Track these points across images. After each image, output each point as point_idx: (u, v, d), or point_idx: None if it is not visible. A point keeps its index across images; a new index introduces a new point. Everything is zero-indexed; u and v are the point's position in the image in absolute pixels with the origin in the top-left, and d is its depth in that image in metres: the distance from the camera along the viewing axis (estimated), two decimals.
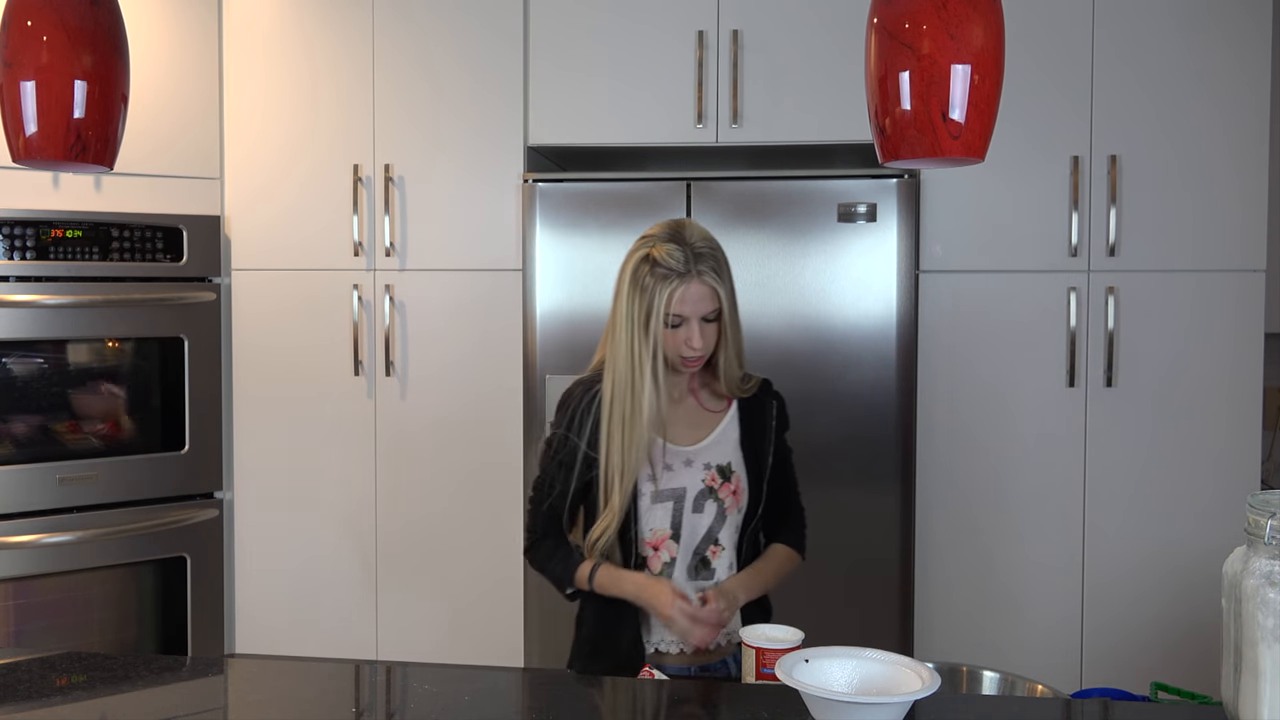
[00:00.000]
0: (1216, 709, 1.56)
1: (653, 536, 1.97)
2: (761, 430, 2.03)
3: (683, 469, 1.98)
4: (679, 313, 1.87)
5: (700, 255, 1.87)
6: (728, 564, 2.00)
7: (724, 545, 1.99)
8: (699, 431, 2.01)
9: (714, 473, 1.99)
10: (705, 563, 1.99)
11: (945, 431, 3.13)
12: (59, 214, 3.13)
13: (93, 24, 1.55)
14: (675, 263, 1.86)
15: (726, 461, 2.00)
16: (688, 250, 1.87)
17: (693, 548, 1.98)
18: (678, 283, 1.86)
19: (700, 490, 1.98)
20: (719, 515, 1.99)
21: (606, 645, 1.99)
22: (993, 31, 1.37)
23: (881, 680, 1.52)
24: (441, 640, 3.36)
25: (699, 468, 1.99)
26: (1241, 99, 3.02)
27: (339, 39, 3.34)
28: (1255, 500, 1.40)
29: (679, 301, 1.86)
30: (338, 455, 3.38)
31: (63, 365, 3.20)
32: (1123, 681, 2.93)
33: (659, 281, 1.86)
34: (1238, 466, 3.05)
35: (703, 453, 2.00)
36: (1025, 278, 3.10)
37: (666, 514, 1.97)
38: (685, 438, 2.00)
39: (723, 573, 2.00)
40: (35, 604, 3.14)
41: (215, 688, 1.78)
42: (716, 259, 1.90)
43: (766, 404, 2.04)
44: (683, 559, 1.98)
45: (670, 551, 1.98)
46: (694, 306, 1.87)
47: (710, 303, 1.88)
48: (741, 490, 2.00)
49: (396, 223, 3.33)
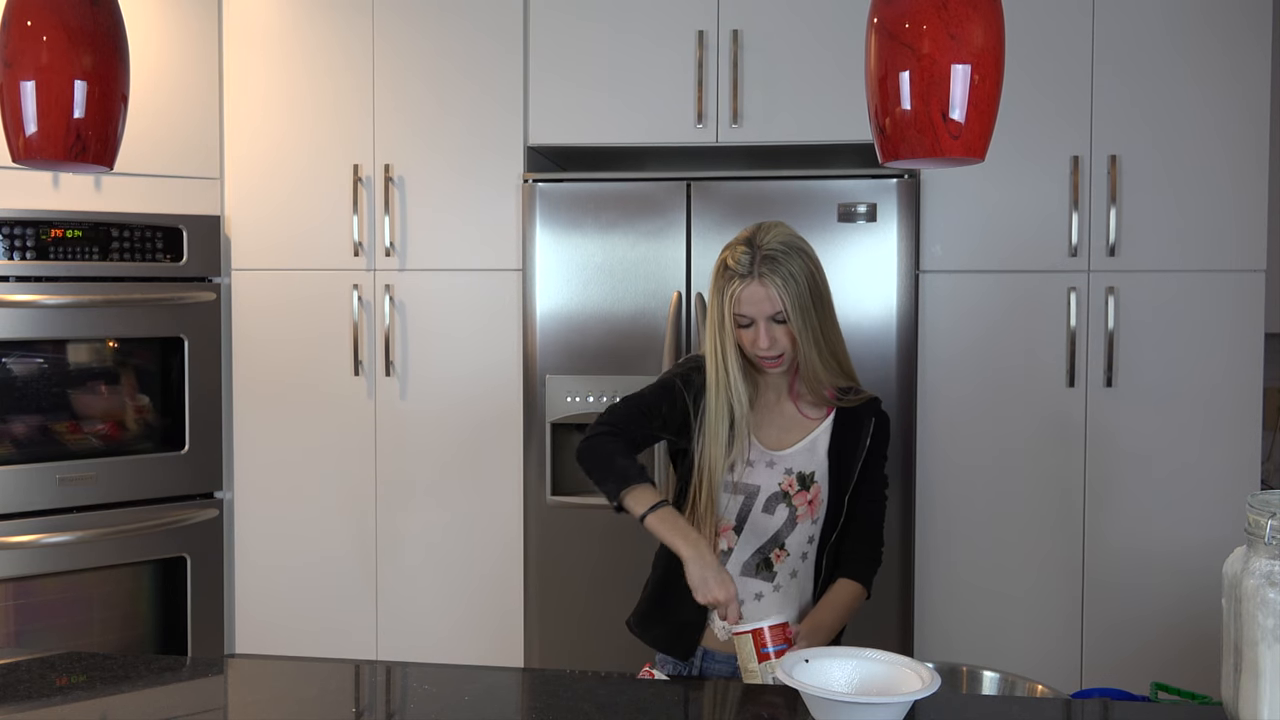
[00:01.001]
0: (1216, 709, 1.56)
1: (720, 524, 1.99)
2: (854, 444, 2.01)
3: (764, 469, 1.98)
4: (742, 313, 1.90)
5: (767, 258, 1.88)
6: (790, 571, 2.00)
7: (789, 551, 1.99)
8: (790, 435, 2.01)
9: (793, 479, 1.99)
10: (768, 564, 1.99)
11: (945, 431, 3.13)
12: (59, 214, 3.13)
13: (93, 24, 1.55)
14: (740, 265, 1.89)
15: (810, 470, 1.99)
16: (755, 252, 1.89)
17: (756, 546, 1.99)
18: (739, 284, 1.89)
19: (775, 493, 1.98)
20: (789, 521, 1.99)
21: (665, 612, 2.00)
22: (993, 31, 1.37)
23: (881, 680, 1.52)
24: (441, 640, 3.36)
25: (780, 471, 1.99)
26: (1241, 99, 3.02)
27: (339, 39, 3.34)
28: (1255, 500, 1.40)
29: (739, 302, 1.89)
30: (337, 455, 3.38)
31: (63, 365, 3.20)
32: (1123, 681, 2.93)
33: (727, 283, 1.91)
34: (1238, 466, 3.05)
35: (788, 458, 1.99)
36: (1025, 278, 3.10)
37: (735, 506, 1.98)
38: (775, 440, 2.00)
39: (784, 578, 1.99)
40: (35, 604, 3.14)
41: (215, 688, 1.78)
42: (785, 263, 1.88)
43: (865, 420, 2.02)
44: (741, 554, 1.99)
45: (729, 542, 1.99)
46: (756, 307, 1.89)
47: (771, 304, 1.88)
48: (820, 501, 2.00)
49: (396, 223, 3.33)
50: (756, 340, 1.90)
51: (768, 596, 1.99)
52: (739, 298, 1.89)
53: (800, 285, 1.89)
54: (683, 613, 1.97)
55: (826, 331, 1.94)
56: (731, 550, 1.99)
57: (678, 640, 2.00)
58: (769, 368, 1.95)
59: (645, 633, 2.06)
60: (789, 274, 1.88)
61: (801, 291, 1.89)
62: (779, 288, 1.87)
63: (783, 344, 1.91)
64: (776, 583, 1.99)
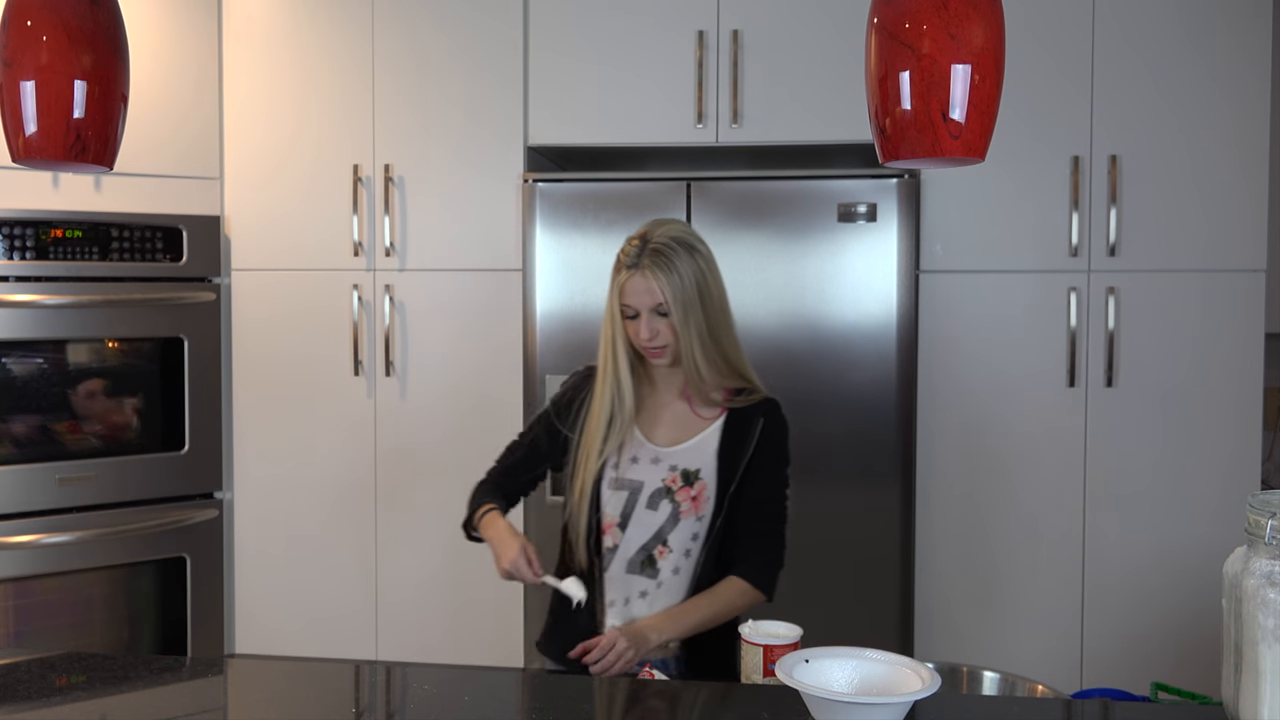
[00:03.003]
0: (1216, 709, 1.56)
1: (604, 521, 2.02)
2: (741, 445, 2.01)
3: (648, 464, 2.01)
4: (627, 303, 1.95)
5: (654, 251, 1.93)
6: (673, 567, 2.00)
7: (672, 548, 1.99)
8: (680, 434, 2.03)
9: (677, 474, 2.00)
10: (651, 560, 2.00)
11: (945, 431, 3.13)
12: (59, 214, 3.13)
13: (93, 24, 1.55)
14: (629, 257, 1.95)
15: (696, 467, 2.00)
16: (644, 245, 1.94)
17: (639, 543, 2.00)
18: (626, 275, 1.95)
19: (657, 488, 2.00)
20: (672, 516, 1.99)
21: (564, 628, 2.03)
22: (993, 31, 1.37)
23: (881, 680, 1.52)
24: (441, 640, 3.36)
25: (664, 467, 2.00)
26: (1242, 99, 3.02)
27: (339, 39, 3.34)
28: (1255, 500, 1.40)
29: (625, 292, 1.95)
30: (337, 455, 3.38)
31: (63, 365, 3.20)
32: (1123, 681, 2.93)
33: (616, 274, 1.98)
34: (1238, 466, 3.05)
35: (674, 455, 2.01)
36: (1025, 278, 3.10)
37: (619, 503, 2.01)
38: (664, 437, 2.03)
39: (667, 574, 2.00)
40: (35, 604, 3.14)
41: (215, 688, 1.78)
42: (671, 257, 1.93)
43: (754, 420, 2.02)
44: (626, 550, 2.01)
45: (615, 539, 2.01)
46: (639, 299, 1.94)
47: (652, 296, 1.93)
48: (705, 499, 2.00)
49: (396, 223, 3.33)
50: (639, 331, 1.95)
51: (651, 594, 2.00)
52: (625, 288, 1.95)
53: (685, 281, 1.93)
54: (579, 624, 2.00)
55: (714, 330, 1.97)
56: (617, 547, 2.01)
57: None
58: (653, 358, 1.99)
59: (549, 649, 2.07)
60: (673, 268, 1.92)
61: (686, 287, 1.93)
62: (661, 281, 1.92)
63: (665, 337, 1.95)
64: (660, 579, 2.00)
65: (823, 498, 3.06)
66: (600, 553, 2.02)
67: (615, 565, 2.01)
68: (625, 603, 2.01)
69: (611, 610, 2.01)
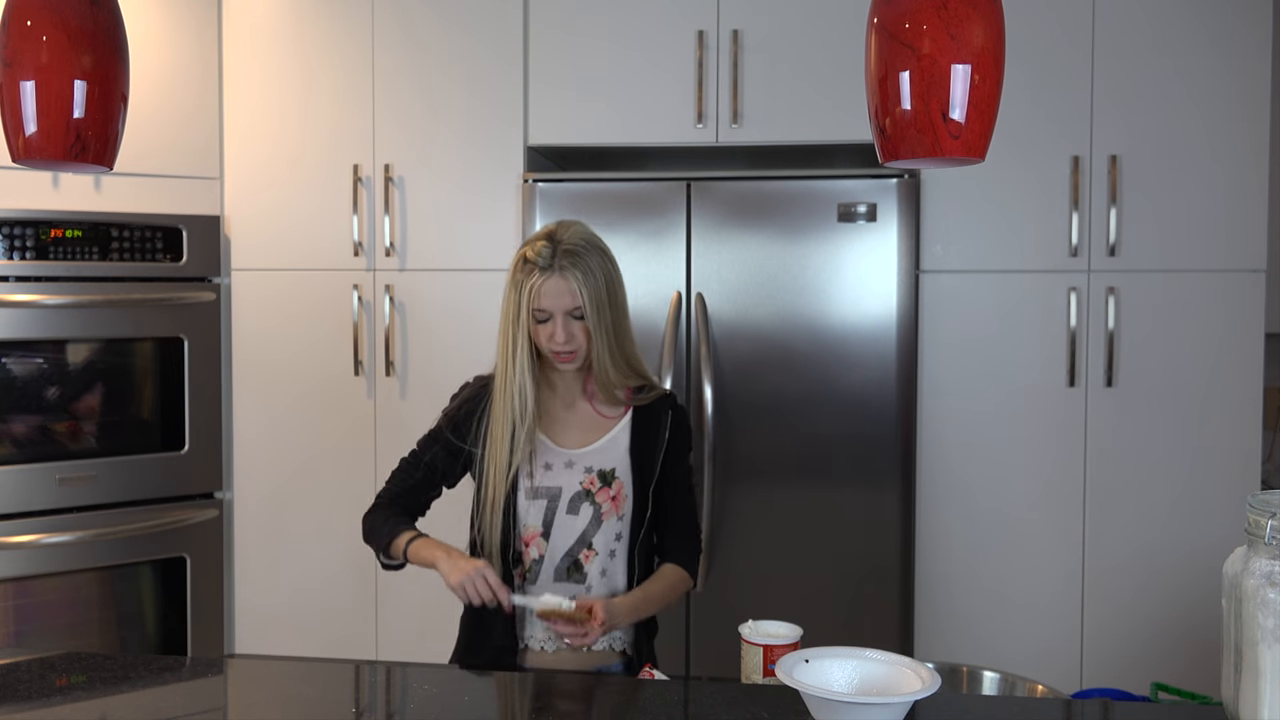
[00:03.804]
0: (1216, 709, 1.56)
1: (526, 532, 1.99)
2: (653, 440, 2.02)
3: (562, 470, 1.99)
4: (540, 306, 1.91)
5: (568, 252, 1.90)
6: (600, 569, 1.99)
7: (597, 550, 1.99)
8: (588, 435, 2.02)
9: (594, 476, 1.99)
10: (577, 565, 1.99)
11: (945, 431, 3.13)
12: (59, 214, 3.13)
13: (93, 24, 1.55)
14: (541, 258, 1.90)
15: (611, 467, 2.00)
16: (556, 247, 1.91)
17: (565, 549, 1.99)
18: (540, 277, 1.90)
19: (576, 492, 1.98)
20: (594, 519, 1.99)
21: (480, 640, 2.01)
22: (993, 31, 1.37)
23: (881, 680, 1.52)
24: (441, 640, 3.35)
25: (580, 470, 1.99)
26: (1241, 99, 3.02)
27: (338, 39, 3.34)
28: (1255, 500, 1.40)
29: (538, 295, 1.91)
30: (337, 455, 3.38)
31: (63, 365, 3.20)
32: (1123, 681, 2.93)
33: (526, 276, 1.92)
34: (1238, 466, 3.05)
35: (586, 456, 2.00)
36: (1025, 278, 3.10)
37: (540, 512, 1.99)
38: (572, 440, 2.01)
39: (594, 578, 1.99)
40: (35, 604, 3.14)
41: (215, 688, 1.78)
42: (585, 258, 1.91)
43: (662, 415, 2.03)
44: (551, 559, 1.99)
45: (539, 549, 1.99)
46: (554, 301, 1.91)
47: (570, 299, 1.90)
48: (624, 497, 2.00)
49: (396, 223, 3.33)
50: (554, 335, 1.92)
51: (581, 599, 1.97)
52: (539, 291, 1.90)
53: (598, 281, 1.92)
54: (495, 638, 1.98)
55: (619, 331, 1.97)
56: (543, 557, 1.99)
57: (497, 667, 1.97)
58: (562, 363, 1.96)
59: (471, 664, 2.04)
60: (589, 269, 1.91)
61: (599, 287, 1.92)
62: (579, 282, 1.90)
63: (579, 340, 1.93)
64: (588, 584, 1.99)
65: (823, 498, 3.06)
66: (521, 564, 2.00)
67: (542, 575, 1.99)
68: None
69: (542, 622, 1.95)
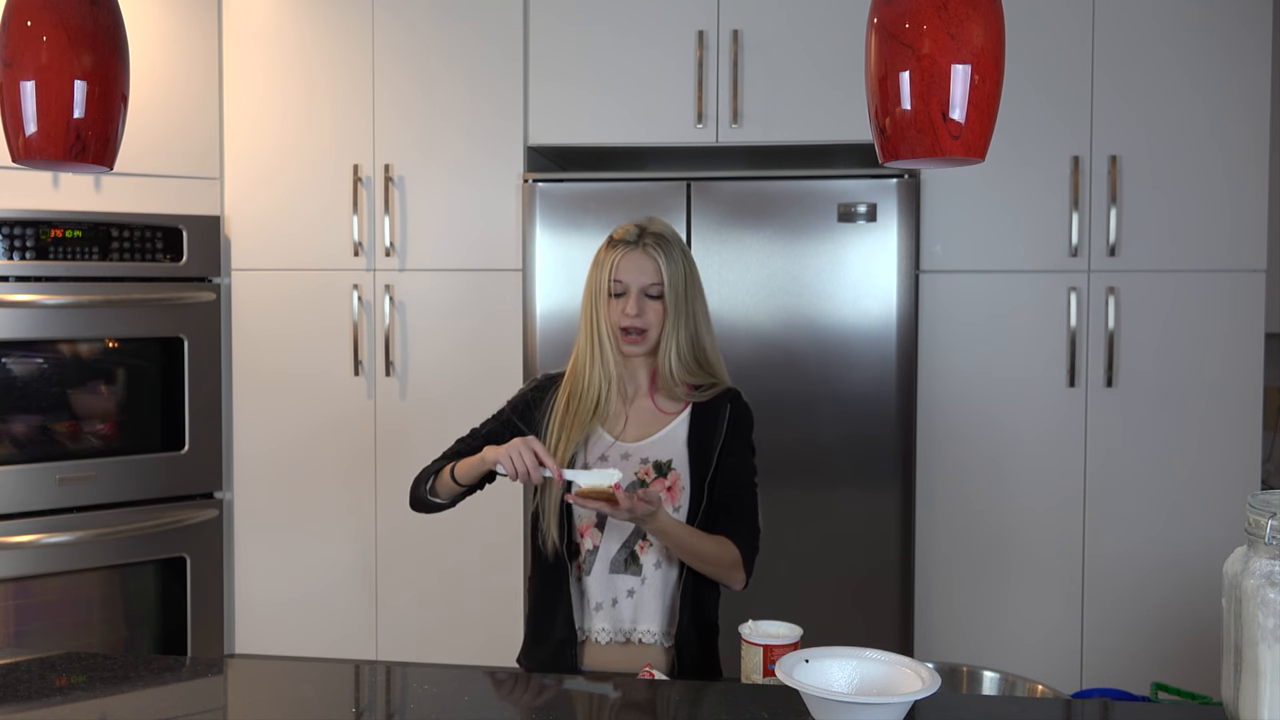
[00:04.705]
0: (1216, 709, 1.56)
1: (581, 523, 2.01)
2: (711, 432, 2.01)
3: (619, 461, 2.00)
4: (619, 278, 1.96)
5: (655, 234, 1.98)
6: (655, 561, 1.99)
7: (653, 543, 1.99)
8: (646, 429, 2.02)
9: (649, 467, 1.99)
10: (634, 557, 1.99)
11: (945, 431, 3.13)
12: (59, 214, 3.13)
13: (93, 24, 1.55)
14: (628, 236, 1.98)
15: (668, 459, 2.00)
16: (643, 230, 1.98)
17: (621, 540, 1.99)
18: (622, 251, 1.97)
19: (632, 483, 1.98)
20: None
21: (543, 630, 2.02)
22: (993, 31, 1.37)
23: (881, 680, 1.52)
24: (441, 640, 3.36)
25: (635, 461, 2.00)
26: (1241, 99, 3.02)
27: (338, 39, 3.34)
28: (1255, 500, 1.40)
29: (619, 268, 1.96)
30: (337, 455, 3.38)
31: (63, 365, 3.20)
32: (1123, 681, 2.93)
33: (609, 253, 1.99)
34: (1238, 466, 3.05)
35: (644, 449, 2.01)
36: (1025, 278, 3.10)
37: None
38: (631, 435, 2.02)
39: (649, 570, 1.99)
40: (35, 604, 3.14)
41: (215, 688, 1.78)
42: (671, 244, 1.98)
43: (721, 408, 2.03)
44: (607, 550, 1.99)
45: (594, 540, 2.00)
46: (633, 275, 1.96)
47: (651, 275, 1.95)
48: (680, 489, 2.00)
49: (396, 223, 3.33)
50: (626, 308, 1.95)
51: (638, 591, 1.98)
52: (619, 264, 1.96)
53: (679, 269, 1.98)
54: (556, 632, 1.99)
55: (698, 323, 2.00)
56: (598, 548, 1.99)
57: (558, 660, 1.99)
58: (629, 344, 1.98)
59: (530, 660, 2.06)
60: (672, 255, 1.98)
61: (680, 274, 1.97)
62: (661, 260, 1.96)
63: (649, 318, 1.96)
64: (644, 575, 1.99)
65: (823, 498, 3.06)
66: (577, 555, 2.01)
67: (598, 566, 1.99)
68: (613, 604, 1.99)
69: (599, 614, 1.98)
